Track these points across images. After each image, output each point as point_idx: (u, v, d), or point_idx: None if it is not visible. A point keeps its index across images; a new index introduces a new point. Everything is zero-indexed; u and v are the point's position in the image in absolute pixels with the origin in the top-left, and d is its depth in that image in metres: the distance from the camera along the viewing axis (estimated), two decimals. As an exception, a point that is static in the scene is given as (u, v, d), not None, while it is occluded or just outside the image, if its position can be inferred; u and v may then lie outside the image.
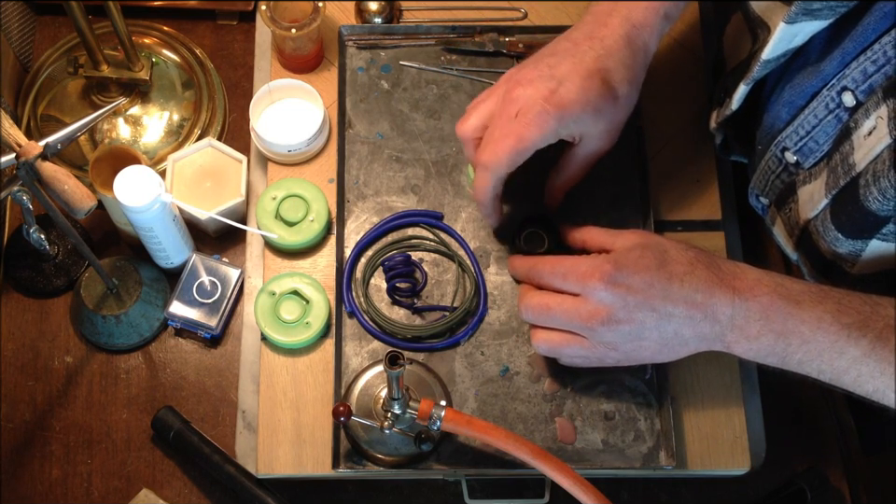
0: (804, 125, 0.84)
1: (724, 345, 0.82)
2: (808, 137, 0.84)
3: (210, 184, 1.02)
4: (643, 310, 0.80)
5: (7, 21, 1.10)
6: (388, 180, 1.03)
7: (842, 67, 0.79)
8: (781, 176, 0.90)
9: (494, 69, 1.07)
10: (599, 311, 0.81)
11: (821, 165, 0.84)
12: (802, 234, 0.89)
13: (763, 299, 0.79)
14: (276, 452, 0.93)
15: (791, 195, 0.89)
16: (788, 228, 0.91)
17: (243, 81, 1.11)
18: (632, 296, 0.80)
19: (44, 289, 1.02)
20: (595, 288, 0.81)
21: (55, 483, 0.97)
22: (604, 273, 0.81)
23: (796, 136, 0.85)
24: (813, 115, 0.83)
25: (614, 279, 0.81)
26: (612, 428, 0.94)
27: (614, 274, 0.81)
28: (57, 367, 1.00)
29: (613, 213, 1.01)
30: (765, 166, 0.91)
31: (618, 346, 0.83)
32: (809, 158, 0.85)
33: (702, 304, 0.80)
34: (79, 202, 0.83)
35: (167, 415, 0.96)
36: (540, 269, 0.87)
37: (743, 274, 0.81)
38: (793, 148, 0.86)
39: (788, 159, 0.87)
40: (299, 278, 0.97)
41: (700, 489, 0.98)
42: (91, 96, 1.06)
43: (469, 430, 0.86)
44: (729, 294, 0.80)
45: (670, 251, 0.82)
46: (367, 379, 0.94)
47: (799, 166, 0.87)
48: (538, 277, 0.88)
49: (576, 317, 0.83)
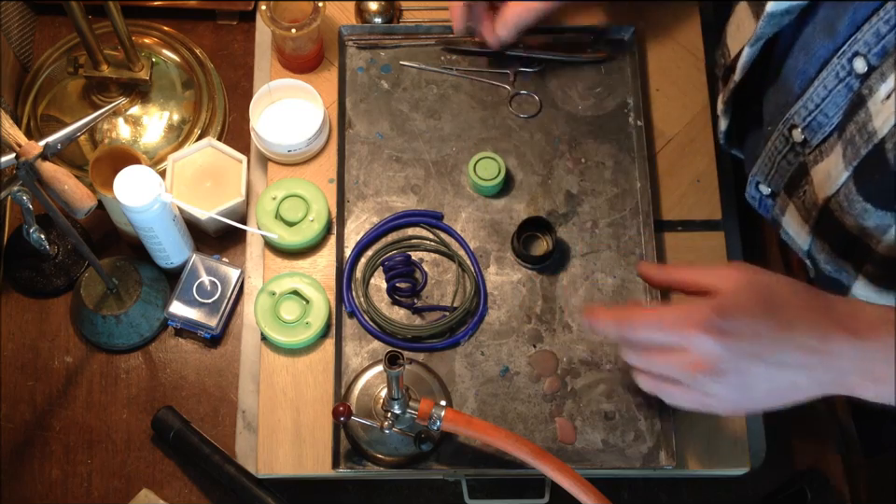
0: (813, 98, 0.81)
1: (847, 389, 0.75)
2: (817, 111, 0.81)
3: (210, 184, 1.02)
4: (752, 360, 0.74)
5: (7, 21, 1.10)
6: (388, 180, 1.03)
7: (853, 30, 0.75)
8: (787, 157, 0.87)
9: (494, 69, 1.07)
10: (704, 362, 0.74)
11: (832, 141, 0.80)
12: (821, 215, 0.84)
13: (886, 339, 0.72)
14: (276, 452, 0.93)
15: (803, 177, 0.85)
16: (803, 212, 0.87)
17: (243, 81, 1.11)
18: (739, 345, 0.73)
19: (44, 289, 1.02)
20: (699, 339, 0.74)
21: (55, 482, 0.97)
22: (707, 322, 0.73)
23: (805, 111, 0.82)
24: (822, 86, 0.79)
25: (719, 327, 0.73)
26: (612, 428, 0.94)
27: (719, 322, 0.73)
28: (57, 367, 1.00)
29: (613, 213, 1.01)
30: (771, 147, 0.88)
31: (725, 397, 0.77)
32: (817, 134, 0.82)
33: (818, 350, 0.73)
34: (79, 202, 0.83)
35: (167, 415, 0.96)
36: (635, 323, 0.79)
37: (860, 313, 0.74)
38: (802, 125, 0.83)
39: (795, 137, 0.84)
40: (299, 278, 0.97)
41: (700, 489, 0.98)
42: (91, 96, 1.06)
43: (469, 430, 0.86)
44: (848, 337, 0.72)
45: (779, 292, 0.75)
46: (367, 379, 0.94)
47: (806, 145, 0.84)
48: (631, 331, 0.80)
49: (680, 368, 0.77)
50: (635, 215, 1.01)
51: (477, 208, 1.02)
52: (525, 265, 1.00)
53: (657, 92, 1.07)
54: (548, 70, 1.07)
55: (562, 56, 1.07)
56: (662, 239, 1.01)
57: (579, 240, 1.01)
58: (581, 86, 1.06)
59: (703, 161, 1.04)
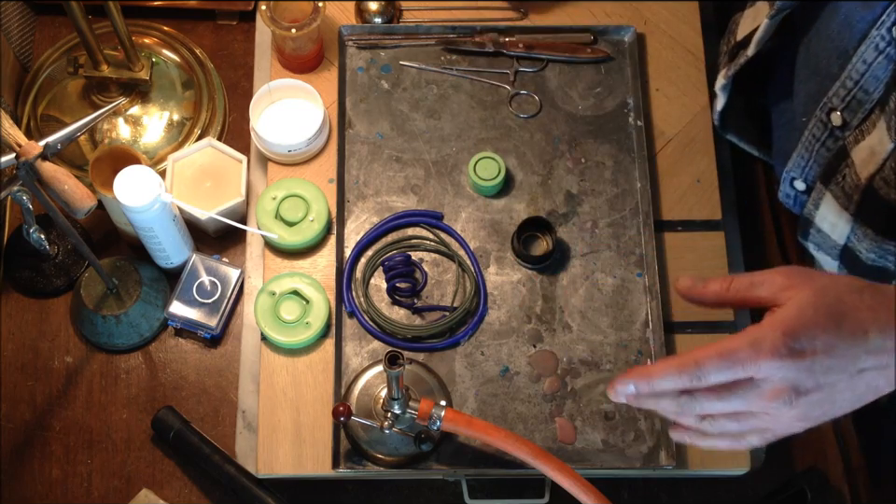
0: (851, 76, 0.78)
1: None
2: (857, 88, 0.78)
3: (210, 184, 1.02)
4: (832, 373, 0.69)
5: (7, 21, 1.10)
6: (388, 180, 1.03)
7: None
8: (826, 143, 0.84)
9: (494, 69, 1.07)
10: (783, 389, 0.69)
11: (873, 118, 0.78)
12: (864, 196, 0.81)
13: None
14: (276, 452, 0.93)
15: (842, 161, 0.82)
16: (842, 199, 0.84)
17: (243, 81, 1.11)
18: (816, 362, 0.68)
19: (44, 289, 1.02)
20: (773, 366, 0.68)
21: (55, 482, 0.96)
22: (780, 347, 0.67)
23: (843, 91, 0.79)
24: (861, 61, 0.77)
25: (792, 349, 0.67)
26: (612, 428, 0.94)
27: (791, 344, 0.67)
28: (57, 367, 1.00)
29: (613, 213, 1.01)
30: (808, 137, 0.85)
31: (807, 415, 0.72)
32: (858, 113, 0.79)
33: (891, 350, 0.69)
34: (79, 202, 0.83)
35: (167, 415, 0.96)
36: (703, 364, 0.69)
37: None
38: (841, 106, 0.80)
39: (833, 121, 0.82)
40: (299, 278, 0.97)
41: (700, 489, 0.98)
42: (91, 96, 1.06)
43: (469, 430, 0.86)
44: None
45: (841, 295, 0.70)
46: (367, 379, 0.94)
47: (846, 127, 0.81)
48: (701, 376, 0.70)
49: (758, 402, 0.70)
50: (635, 215, 1.01)
51: (477, 208, 1.02)
52: (524, 265, 1.00)
53: (657, 92, 1.07)
54: (548, 70, 1.07)
55: (562, 56, 1.07)
56: (662, 239, 1.01)
57: (579, 240, 1.01)
58: (581, 86, 1.07)
59: (703, 160, 1.04)
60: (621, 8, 1.09)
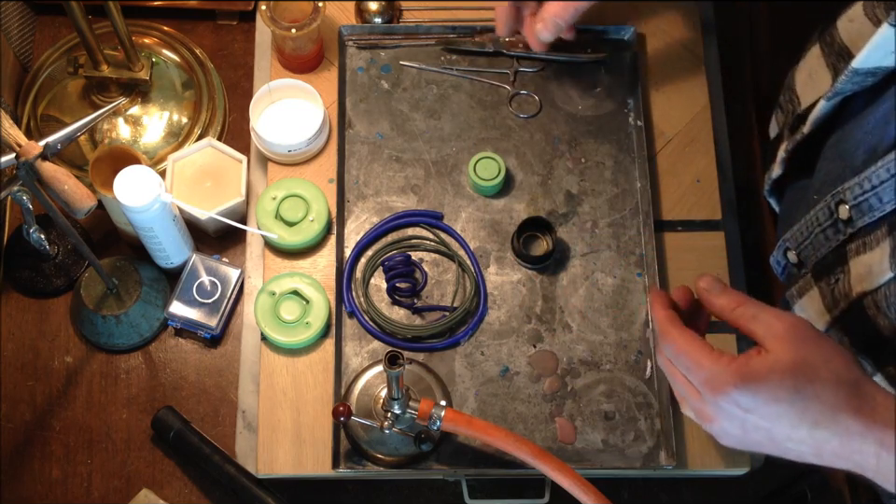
0: (871, 178, 0.75)
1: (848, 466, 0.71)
2: (873, 192, 0.75)
3: (210, 184, 1.02)
4: (759, 433, 0.71)
5: (7, 21, 1.10)
6: (388, 180, 1.03)
7: None
8: (826, 232, 0.82)
9: (494, 69, 1.07)
10: (713, 417, 0.72)
11: (879, 233, 0.76)
12: (850, 308, 0.80)
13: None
14: (276, 452, 0.93)
15: (839, 266, 0.80)
16: (828, 300, 0.82)
17: (243, 81, 1.11)
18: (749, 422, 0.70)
19: (44, 289, 1.02)
20: (716, 402, 0.71)
21: (55, 483, 0.96)
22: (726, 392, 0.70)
23: (859, 189, 0.76)
24: (886, 169, 0.74)
25: (738, 403, 0.70)
26: (612, 428, 0.94)
27: (738, 398, 0.70)
28: (57, 367, 1.00)
29: (613, 213, 1.01)
30: (812, 217, 0.83)
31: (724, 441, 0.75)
32: (865, 217, 0.77)
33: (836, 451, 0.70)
34: (79, 202, 0.83)
35: (167, 415, 0.96)
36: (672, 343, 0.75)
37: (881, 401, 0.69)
38: (851, 202, 0.78)
39: (840, 213, 0.79)
40: (299, 278, 0.97)
41: (700, 489, 0.98)
42: (91, 96, 1.06)
43: (469, 430, 0.86)
44: (874, 447, 0.68)
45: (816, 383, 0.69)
46: (367, 379, 0.95)
47: (849, 224, 0.79)
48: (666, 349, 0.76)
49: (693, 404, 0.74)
50: (635, 215, 1.01)
51: (477, 208, 1.02)
52: (525, 265, 1.00)
53: (657, 92, 1.07)
54: (548, 70, 1.07)
55: (562, 56, 1.07)
56: (662, 239, 1.01)
57: (579, 240, 1.01)
58: (581, 86, 1.07)
59: (703, 160, 1.04)
60: (621, 8, 1.09)
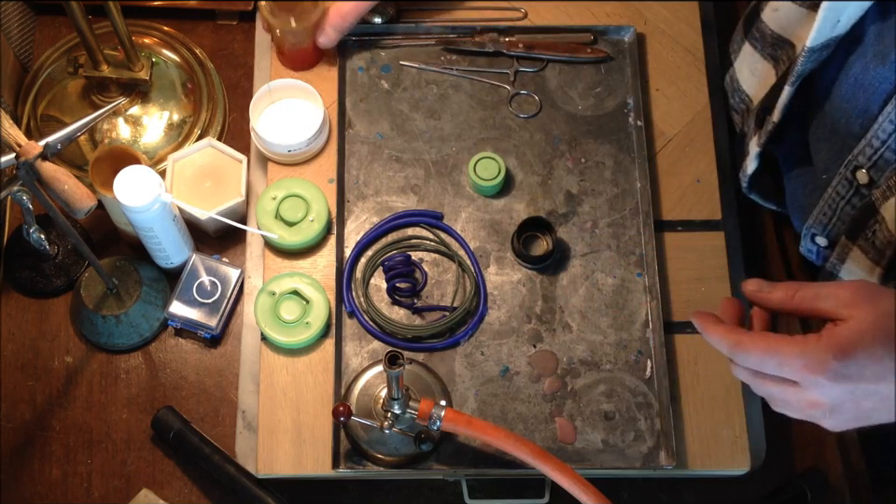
0: (878, 135, 0.77)
1: None
2: (884, 147, 0.77)
3: (210, 184, 1.02)
4: (872, 398, 0.69)
5: (7, 21, 1.10)
6: (388, 180, 1.03)
7: None
8: (852, 201, 0.83)
9: (494, 69, 1.07)
10: (822, 403, 0.70)
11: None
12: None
13: None
14: (276, 452, 0.93)
15: (870, 217, 0.81)
16: (872, 254, 0.83)
17: (243, 81, 1.11)
18: (860, 387, 0.69)
19: (44, 289, 1.02)
20: (817, 383, 0.69)
21: (55, 483, 0.96)
22: (828, 369, 0.68)
23: (870, 150, 0.78)
24: (888, 121, 0.75)
25: (839, 373, 0.67)
26: (612, 428, 0.94)
27: (839, 368, 0.67)
28: (57, 367, 1.00)
29: (613, 213, 1.01)
30: (832, 194, 0.84)
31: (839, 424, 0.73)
32: (886, 171, 0.78)
33: None
34: (79, 202, 0.83)
35: (167, 415, 0.96)
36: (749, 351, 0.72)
37: None
38: (867, 165, 0.79)
39: (860, 179, 0.80)
40: (299, 278, 0.97)
41: (700, 489, 0.98)
42: (91, 96, 1.06)
43: (469, 430, 0.86)
44: None
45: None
46: (367, 379, 0.95)
47: (872, 185, 0.80)
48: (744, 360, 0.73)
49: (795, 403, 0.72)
50: (635, 215, 1.01)
51: (477, 208, 1.02)
52: (525, 265, 1.00)
53: (657, 92, 1.07)
54: (548, 70, 1.07)
55: (562, 56, 1.07)
56: (662, 239, 1.01)
57: (579, 240, 1.01)
58: (581, 86, 1.07)
59: (703, 160, 1.04)
60: (621, 8, 1.09)
